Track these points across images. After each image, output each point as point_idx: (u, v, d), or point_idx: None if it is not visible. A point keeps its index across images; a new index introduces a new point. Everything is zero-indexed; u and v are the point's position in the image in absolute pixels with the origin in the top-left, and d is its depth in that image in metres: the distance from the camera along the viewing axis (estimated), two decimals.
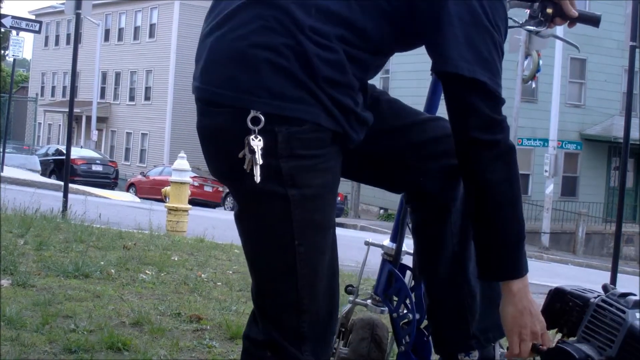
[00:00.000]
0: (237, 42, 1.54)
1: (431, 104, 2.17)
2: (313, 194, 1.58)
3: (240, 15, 1.57)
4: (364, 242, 2.38)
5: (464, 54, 1.57)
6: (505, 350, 2.00)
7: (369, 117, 1.69)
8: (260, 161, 1.50)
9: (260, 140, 1.50)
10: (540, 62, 16.46)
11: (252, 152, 1.51)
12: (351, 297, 2.28)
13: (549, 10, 2.03)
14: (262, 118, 1.51)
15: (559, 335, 1.84)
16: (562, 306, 1.82)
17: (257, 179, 1.52)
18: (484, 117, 1.61)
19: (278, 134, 1.52)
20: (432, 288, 2.03)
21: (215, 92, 1.56)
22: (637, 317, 1.69)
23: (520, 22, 2.14)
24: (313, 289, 1.63)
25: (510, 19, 2.17)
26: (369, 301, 2.24)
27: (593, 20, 2.07)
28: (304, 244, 1.59)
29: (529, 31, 2.15)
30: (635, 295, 1.75)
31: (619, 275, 6.65)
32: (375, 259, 2.33)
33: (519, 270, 1.69)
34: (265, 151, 1.51)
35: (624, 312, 1.71)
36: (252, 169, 1.52)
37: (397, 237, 2.21)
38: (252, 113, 1.51)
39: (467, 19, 1.58)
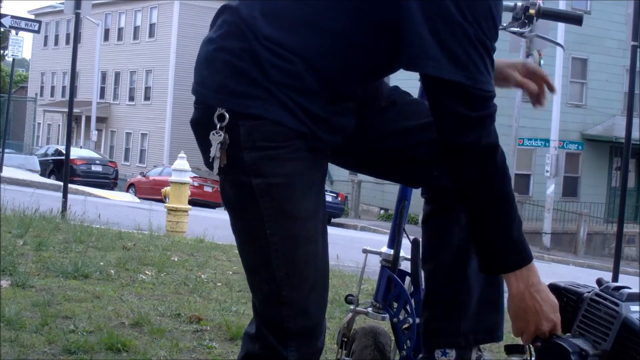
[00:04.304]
0: (209, 45, 1.67)
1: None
2: (280, 183, 1.61)
3: (217, 21, 1.69)
4: (362, 250, 2.38)
5: (430, 52, 1.54)
6: (483, 354, 2.01)
7: (346, 123, 1.70)
8: (217, 155, 1.60)
9: (220, 135, 1.60)
10: (542, 62, 16.44)
11: (208, 144, 1.61)
12: (352, 307, 2.27)
13: (532, 12, 2.06)
14: (227, 115, 1.60)
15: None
16: (557, 302, 1.81)
17: (215, 171, 1.63)
18: (457, 117, 1.58)
19: (241, 127, 1.59)
20: (431, 279, 2.03)
21: (196, 90, 1.68)
22: (631, 309, 1.68)
23: (504, 25, 2.15)
24: (292, 281, 1.64)
25: None
26: (369, 309, 2.24)
27: (575, 19, 2.10)
28: (277, 233, 1.62)
29: (513, 33, 2.19)
30: (629, 288, 1.73)
31: (620, 276, 6.64)
32: (375, 260, 2.32)
33: (510, 264, 1.66)
34: (230, 144, 1.60)
35: (617, 305, 1.69)
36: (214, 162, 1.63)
37: (394, 243, 2.21)
38: (218, 110, 1.60)
39: (434, 16, 1.54)
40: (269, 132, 1.59)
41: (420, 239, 2.08)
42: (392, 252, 2.22)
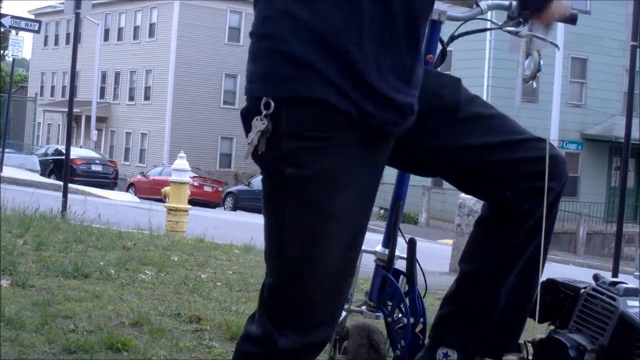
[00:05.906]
0: (251, 37, 1.63)
1: (430, 45, 2.11)
2: (310, 176, 1.56)
3: (257, 14, 1.65)
4: None
5: None
6: None
7: (402, 101, 1.61)
8: (255, 141, 1.55)
9: (263, 122, 1.55)
10: (541, 61, 16.38)
11: (251, 130, 1.57)
12: (346, 305, 2.27)
13: (527, 11, 2.05)
14: (272, 103, 1.54)
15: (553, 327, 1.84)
16: (554, 298, 1.82)
17: (248, 156, 1.59)
18: None
19: (284, 114, 1.55)
20: (465, 280, 2.00)
21: (246, 87, 1.64)
22: (628, 304, 1.68)
23: (500, 24, 2.15)
24: (299, 278, 1.61)
25: (490, 20, 2.17)
26: (363, 307, 2.24)
27: (570, 19, 2.09)
28: (295, 226, 1.59)
29: (509, 32, 2.18)
30: (625, 283, 1.73)
31: (620, 276, 6.64)
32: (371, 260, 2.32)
33: None
34: (271, 131, 1.55)
35: (614, 299, 1.70)
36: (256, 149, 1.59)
37: (389, 243, 2.21)
38: (264, 99, 1.55)
39: None
40: (314, 120, 1.54)
41: (472, 238, 2.03)
42: (386, 251, 2.21)
